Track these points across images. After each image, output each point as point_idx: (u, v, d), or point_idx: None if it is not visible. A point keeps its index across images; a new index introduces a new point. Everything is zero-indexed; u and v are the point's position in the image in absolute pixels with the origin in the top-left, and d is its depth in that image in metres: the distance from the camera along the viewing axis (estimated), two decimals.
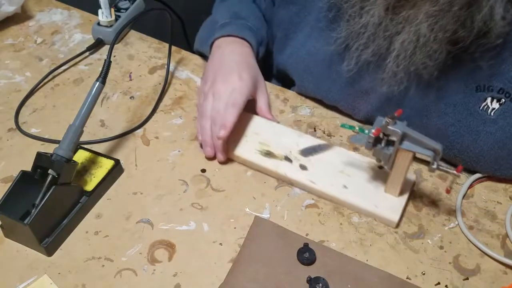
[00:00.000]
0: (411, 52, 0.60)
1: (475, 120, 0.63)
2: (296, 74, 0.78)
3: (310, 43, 0.74)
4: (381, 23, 0.61)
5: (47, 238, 0.59)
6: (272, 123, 0.73)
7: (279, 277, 0.56)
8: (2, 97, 0.79)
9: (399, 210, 0.62)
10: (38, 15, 0.96)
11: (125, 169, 0.68)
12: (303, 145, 0.69)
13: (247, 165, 0.69)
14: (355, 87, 0.71)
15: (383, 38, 0.62)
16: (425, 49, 0.59)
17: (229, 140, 0.68)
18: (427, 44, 0.58)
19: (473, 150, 0.64)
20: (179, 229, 0.62)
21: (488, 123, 0.62)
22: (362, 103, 0.72)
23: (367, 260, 0.59)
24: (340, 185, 0.64)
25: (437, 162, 0.57)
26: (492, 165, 0.65)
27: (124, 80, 0.83)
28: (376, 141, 0.58)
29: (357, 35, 0.64)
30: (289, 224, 0.62)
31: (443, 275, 0.57)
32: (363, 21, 0.62)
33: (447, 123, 0.65)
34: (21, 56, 0.87)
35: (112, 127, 0.74)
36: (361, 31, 0.63)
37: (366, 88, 0.70)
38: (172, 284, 0.56)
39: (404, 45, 0.60)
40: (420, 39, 0.58)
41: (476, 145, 0.64)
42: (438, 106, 0.65)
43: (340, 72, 0.70)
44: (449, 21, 0.56)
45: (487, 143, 0.63)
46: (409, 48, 0.59)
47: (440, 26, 0.57)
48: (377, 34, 0.62)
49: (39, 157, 0.59)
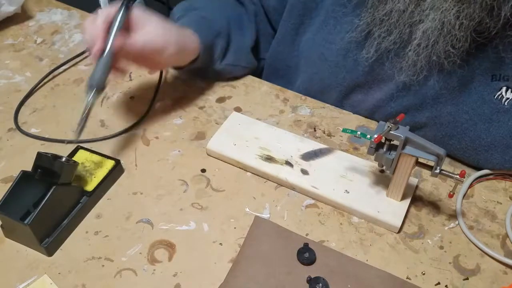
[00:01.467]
0: (434, 41, 0.59)
1: (489, 108, 0.63)
2: (310, 63, 0.76)
3: (326, 29, 0.72)
4: (405, 9, 0.60)
5: (48, 238, 0.59)
6: (272, 128, 0.72)
7: (279, 277, 0.56)
8: (2, 97, 0.79)
9: (401, 215, 0.61)
10: (38, 15, 0.96)
11: (125, 169, 0.68)
12: (304, 149, 0.69)
13: (247, 170, 0.68)
14: (372, 75, 0.70)
15: (406, 25, 0.61)
16: (450, 37, 0.58)
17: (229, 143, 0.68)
18: (451, 32, 0.57)
19: (485, 139, 0.64)
20: (179, 229, 0.62)
21: (502, 112, 0.62)
22: (376, 91, 0.71)
23: (367, 260, 0.59)
24: (342, 190, 0.64)
25: (440, 167, 0.57)
26: (503, 155, 0.65)
27: (124, 80, 0.83)
28: (378, 146, 0.58)
29: (380, 22, 0.63)
30: (289, 224, 0.62)
31: (443, 275, 0.57)
32: (388, 8, 0.61)
33: (461, 110, 0.65)
34: (21, 56, 0.87)
35: (112, 127, 0.74)
36: (385, 18, 0.62)
37: (383, 77, 0.69)
38: (172, 284, 0.56)
39: (427, 33, 0.59)
40: (444, 27, 0.57)
41: (489, 134, 0.64)
42: (453, 93, 0.65)
43: (357, 60, 0.69)
44: (476, 9, 0.55)
45: (499, 132, 0.63)
46: (432, 37, 0.58)
47: (467, 14, 0.56)
48: (400, 21, 0.61)
49: (40, 157, 0.59)
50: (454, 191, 0.58)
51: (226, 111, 0.77)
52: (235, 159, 0.68)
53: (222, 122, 0.74)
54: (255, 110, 0.78)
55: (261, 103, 0.79)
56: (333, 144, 0.72)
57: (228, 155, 0.68)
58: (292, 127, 0.75)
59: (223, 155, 0.69)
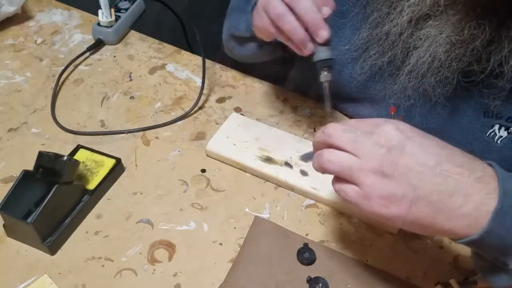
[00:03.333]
0: (423, 73, 0.59)
1: (480, 145, 0.62)
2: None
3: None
4: (402, 33, 0.59)
5: (50, 237, 0.59)
6: (272, 129, 0.73)
7: (279, 277, 0.56)
8: (2, 97, 0.79)
9: None
10: (38, 15, 0.96)
11: (125, 168, 0.68)
12: (303, 150, 0.69)
13: (247, 171, 0.68)
14: (365, 93, 0.70)
15: (401, 49, 0.61)
16: (438, 73, 0.58)
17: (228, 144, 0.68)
18: (440, 69, 0.57)
19: None
20: (179, 229, 0.62)
21: (494, 151, 0.61)
22: (368, 108, 0.71)
23: (367, 260, 0.59)
24: None
25: None
26: None
27: (124, 80, 0.83)
28: None
29: (378, 40, 0.63)
30: (289, 224, 0.62)
31: (443, 275, 0.57)
32: (386, 29, 0.61)
33: (452, 145, 0.64)
34: (21, 56, 0.87)
35: (112, 127, 0.75)
36: (382, 38, 0.62)
37: (375, 97, 0.69)
38: (172, 284, 0.56)
39: (419, 62, 0.58)
40: (435, 62, 0.57)
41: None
42: (445, 127, 0.64)
43: (352, 75, 0.69)
44: (467, 53, 0.55)
45: None
46: (422, 68, 0.58)
47: (456, 55, 0.56)
48: (397, 43, 0.61)
49: (41, 156, 0.59)
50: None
51: (226, 111, 0.77)
52: (235, 160, 0.68)
53: (222, 122, 0.74)
54: (255, 110, 0.78)
55: (261, 103, 0.79)
56: None
57: (227, 156, 0.69)
58: (292, 127, 0.75)
59: (222, 156, 0.69)
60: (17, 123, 0.75)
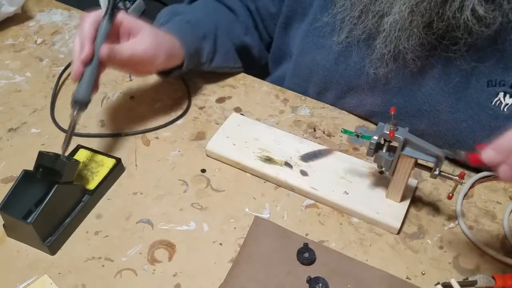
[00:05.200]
0: (397, 35, 0.60)
1: (487, 115, 0.62)
2: (303, 67, 0.77)
3: (316, 33, 0.73)
4: None
5: (50, 237, 0.59)
6: (272, 129, 0.73)
7: (279, 277, 0.56)
8: (2, 97, 0.79)
9: (400, 216, 0.61)
10: (38, 15, 0.96)
11: (125, 168, 0.68)
12: (303, 150, 0.69)
13: (247, 171, 0.68)
14: (347, 63, 0.71)
15: (372, 15, 0.62)
16: (406, 31, 0.59)
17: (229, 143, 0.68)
18: (408, 27, 0.59)
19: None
20: (179, 229, 0.62)
21: (501, 119, 0.61)
22: (369, 96, 0.71)
23: (367, 260, 0.59)
24: (341, 191, 0.64)
25: (439, 169, 0.57)
26: None
27: (124, 80, 0.83)
28: (377, 147, 0.58)
29: (351, 5, 0.64)
30: (289, 224, 0.62)
31: (443, 275, 0.57)
32: None
33: (459, 118, 0.64)
34: (21, 56, 0.87)
35: (112, 127, 0.75)
36: (355, 2, 0.64)
37: (375, 84, 0.70)
38: (172, 284, 0.57)
39: (392, 26, 0.60)
40: (404, 22, 0.59)
41: (489, 141, 0.63)
42: (449, 101, 0.64)
43: (330, 45, 0.70)
44: (427, 6, 0.57)
45: None
46: (394, 30, 0.60)
47: (419, 10, 0.57)
48: (369, 8, 0.62)
49: (41, 156, 0.59)
50: (453, 192, 0.58)
51: (226, 111, 0.77)
52: (235, 160, 0.68)
53: (222, 122, 0.74)
54: (255, 110, 0.78)
55: (261, 103, 0.79)
56: (333, 144, 0.72)
57: (227, 156, 0.69)
58: (292, 127, 0.75)
59: (222, 156, 0.69)
60: (17, 123, 0.75)
